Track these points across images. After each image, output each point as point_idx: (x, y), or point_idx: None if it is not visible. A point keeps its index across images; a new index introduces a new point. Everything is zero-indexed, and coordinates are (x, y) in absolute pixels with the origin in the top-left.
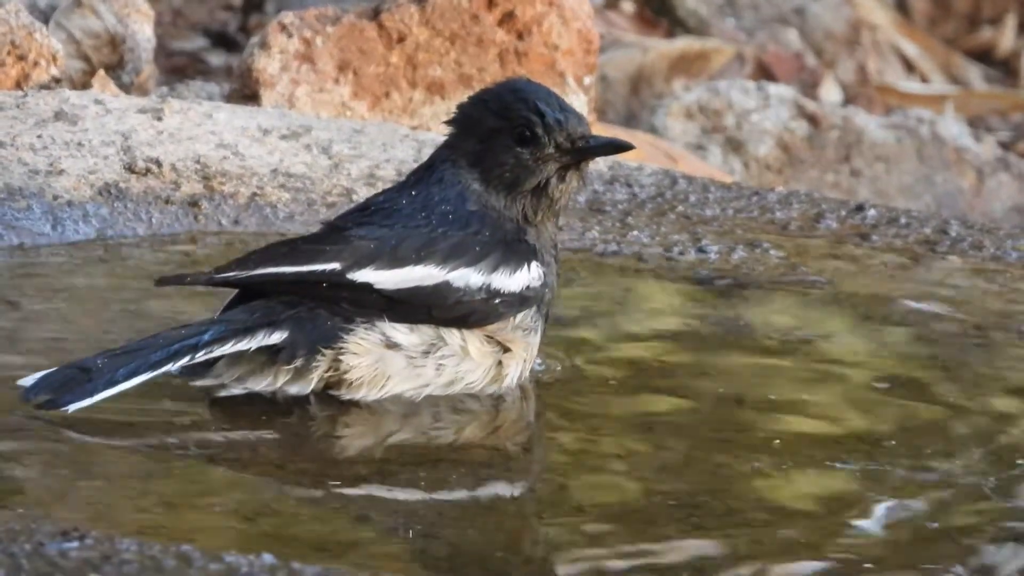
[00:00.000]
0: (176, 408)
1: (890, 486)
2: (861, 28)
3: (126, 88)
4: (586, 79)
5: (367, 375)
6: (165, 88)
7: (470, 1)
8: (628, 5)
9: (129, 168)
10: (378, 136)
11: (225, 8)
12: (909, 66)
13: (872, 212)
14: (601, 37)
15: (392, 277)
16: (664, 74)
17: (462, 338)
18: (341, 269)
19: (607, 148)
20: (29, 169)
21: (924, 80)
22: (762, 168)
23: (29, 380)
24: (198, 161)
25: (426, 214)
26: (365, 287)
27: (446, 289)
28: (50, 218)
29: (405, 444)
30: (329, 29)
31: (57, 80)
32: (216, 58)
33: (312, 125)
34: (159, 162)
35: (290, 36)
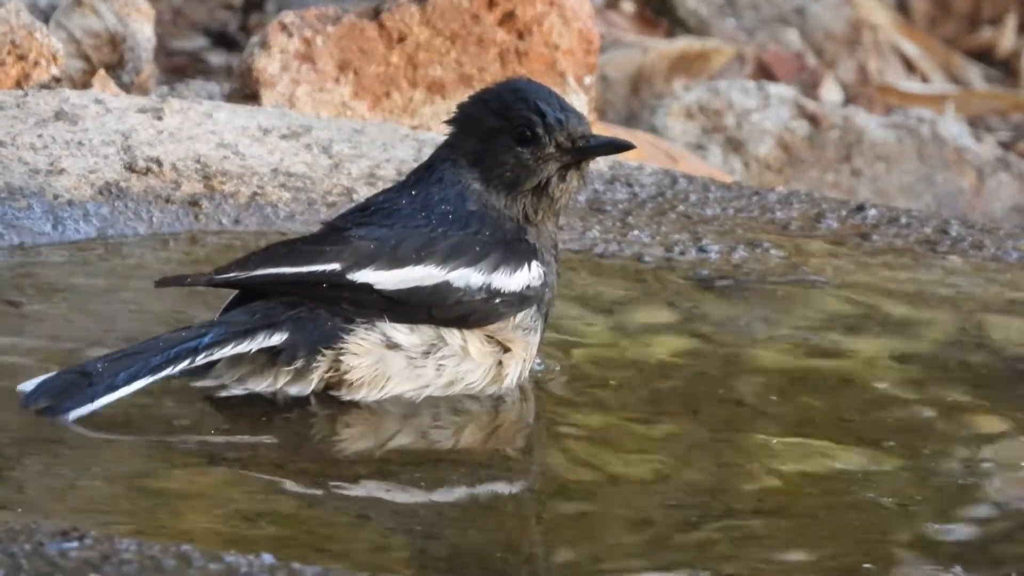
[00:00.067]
0: (176, 408)
1: (890, 486)
2: (861, 28)
3: (126, 88)
4: (586, 79)
5: (367, 375)
6: (165, 88)
7: (471, 1)
8: (628, 5)
9: (129, 167)
10: (378, 136)
11: (225, 7)
12: (909, 66)
13: (872, 212)
14: (601, 37)
15: (392, 277)
16: (664, 74)
17: (462, 338)
18: (341, 269)
19: (607, 148)
20: (29, 168)
21: (924, 80)
22: (762, 168)
23: (28, 385)
24: (198, 161)
25: (426, 214)
26: (365, 287)
27: (446, 289)
28: (50, 217)
29: (405, 445)
30: (329, 29)
31: (57, 79)
32: (216, 58)
33: (312, 125)
34: (159, 161)
35: (290, 36)
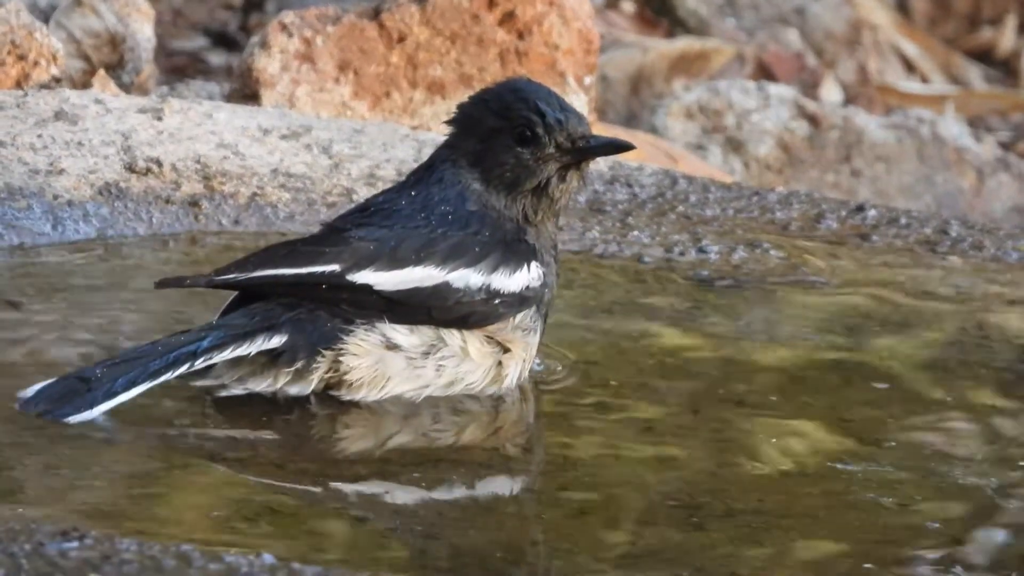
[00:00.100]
0: (176, 408)
1: (891, 487)
2: (861, 28)
3: (126, 88)
4: (586, 79)
5: (367, 376)
6: (165, 88)
7: (470, 1)
8: (628, 5)
9: (129, 168)
10: (378, 136)
11: (225, 7)
12: (909, 66)
13: (872, 212)
14: (601, 37)
15: (392, 278)
16: (664, 74)
17: (462, 339)
18: (341, 270)
19: (607, 148)
20: (29, 169)
21: (924, 80)
22: (762, 168)
23: (28, 392)
24: (198, 161)
25: (426, 214)
26: (365, 288)
27: (446, 290)
28: (50, 218)
29: (405, 445)
30: (329, 29)
31: (57, 80)
32: (216, 58)
33: (312, 125)
34: (159, 162)
35: (290, 36)
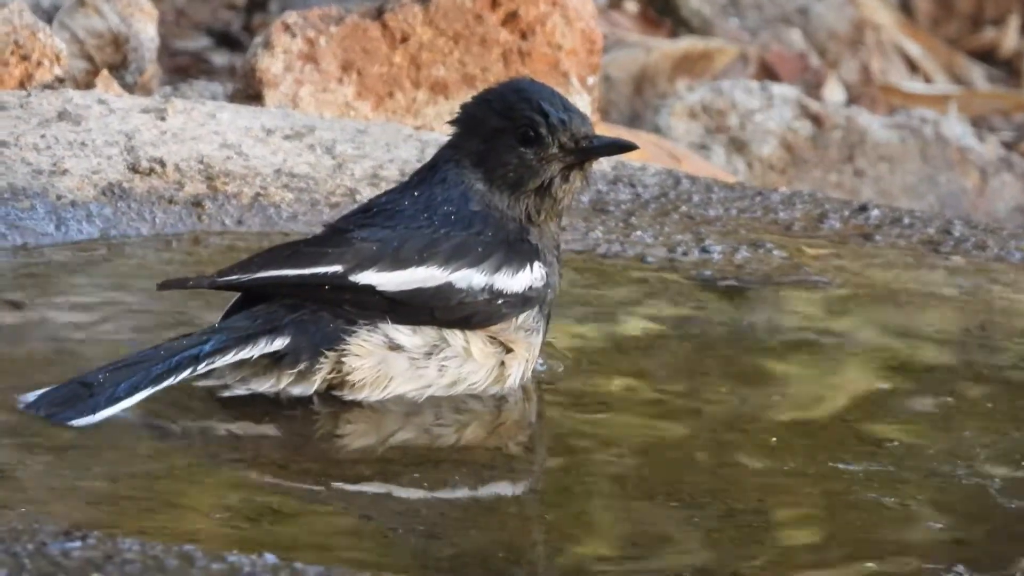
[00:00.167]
0: (178, 407)
1: (893, 487)
2: (865, 28)
3: (129, 88)
4: (589, 79)
5: (369, 377)
6: (168, 88)
7: (474, 1)
8: (632, 5)
9: (133, 168)
10: (382, 136)
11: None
12: (912, 66)
13: (875, 212)
14: (604, 37)
15: (394, 279)
16: (667, 74)
17: (465, 339)
18: (343, 271)
19: (611, 148)
20: (33, 169)
21: (927, 80)
22: (765, 168)
23: (30, 396)
24: (201, 161)
25: (429, 215)
26: (367, 289)
27: (448, 290)
28: (53, 218)
29: (407, 444)
30: (333, 29)
31: (61, 80)
32: (219, 58)
33: (316, 125)
34: (163, 162)
35: (294, 36)
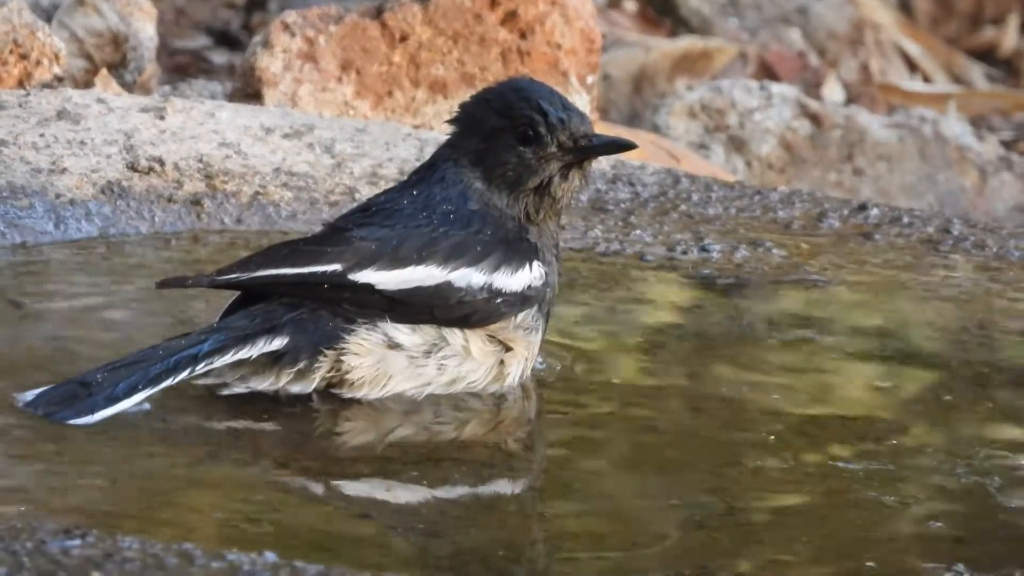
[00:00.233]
0: (178, 406)
1: (892, 486)
2: (864, 27)
3: (128, 87)
4: (589, 78)
5: (369, 375)
6: (168, 87)
7: (473, 0)
8: (631, 4)
9: (132, 167)
10: (381, 135)
11: (228, 6)
12: (912, 65)
13: (875, 211)
14: (604, 36)
15: (393, 277)
16: (667, 73)
17: (464, 338)
18: (343, 270)
19: (610, 147)
20: (32, 168)
21: (927, 80)
22: (765, 167)
23: (29, 395)
24: (200, 160)
25: (427, 214)
26: (367, 288)
27: (448, 289)
28: (52, 216)
29: (407, 442)
30: (332, 28)
31: (60, 79)
32: (219, 57)
33: (315, 124)
34: (162, 161)
35: (293, 35)
